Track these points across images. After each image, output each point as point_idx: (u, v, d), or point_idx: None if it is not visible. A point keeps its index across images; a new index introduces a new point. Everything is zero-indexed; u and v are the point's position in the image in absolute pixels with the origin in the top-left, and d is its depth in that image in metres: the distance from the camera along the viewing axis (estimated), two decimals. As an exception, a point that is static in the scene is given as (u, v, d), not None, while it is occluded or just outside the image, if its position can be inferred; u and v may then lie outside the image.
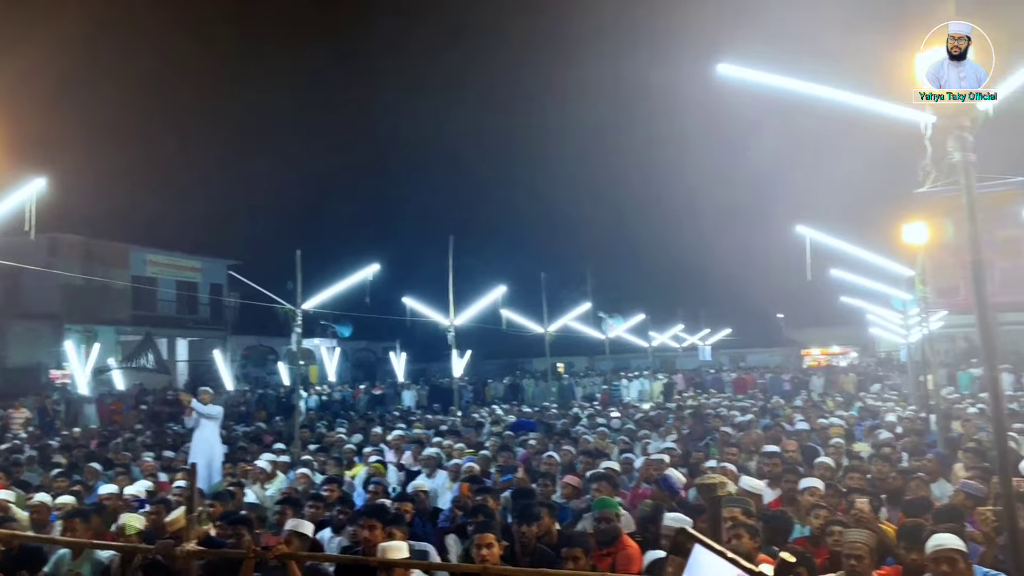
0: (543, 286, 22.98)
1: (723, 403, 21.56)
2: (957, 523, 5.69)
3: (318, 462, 11.33)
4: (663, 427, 14.17)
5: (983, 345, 4.74)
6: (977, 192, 4.78)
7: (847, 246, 12.06)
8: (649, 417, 16.79)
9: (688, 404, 22.42)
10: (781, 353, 47.45)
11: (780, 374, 32.65)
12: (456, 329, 18.16)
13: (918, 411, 15.13)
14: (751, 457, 10.12)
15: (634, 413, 18.65)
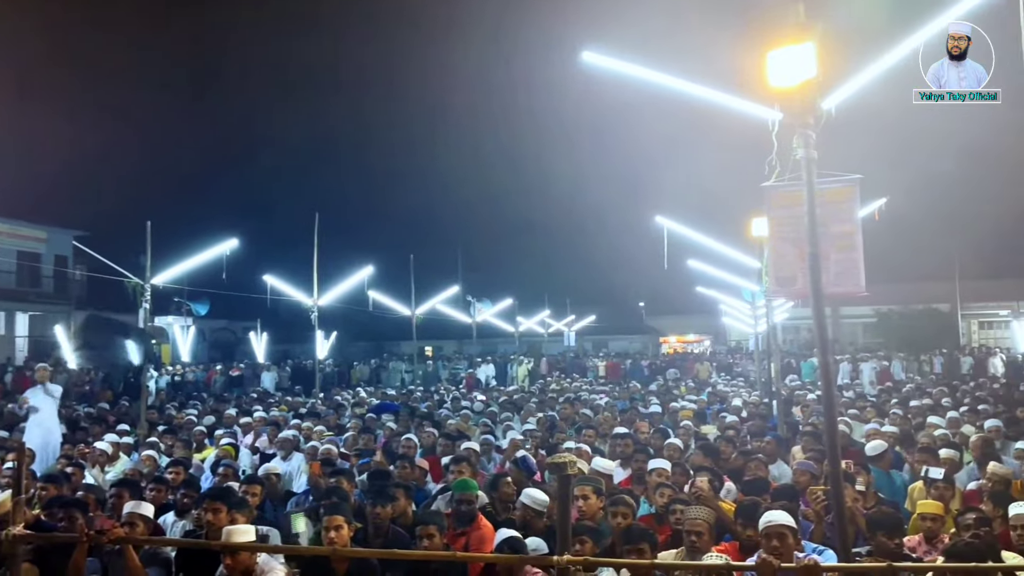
0: (411, 268, 22.78)
1: (584, 387, 22.14)
2: (791, 502, 6.03)
3: (165, 444, 10.86)
4: (524, 410, 14.37)
5: (817, 332, 5.02)
6: (817, 188, 5.04)
7: (702, 237, 12.61)
8: (512, 400, 17.03)
9: (551, 388, 22.91)
10: (641, 340, 49.16)
11: (640, 360, 33.84)
12: (320, 309, 17.71)
13: (762, 397, 16.02)
14: (607, 439, 10.42)
15: (498, 396, 18.86)
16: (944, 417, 11.15)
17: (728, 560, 4.64)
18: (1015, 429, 10.22)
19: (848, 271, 4.99)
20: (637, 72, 5.59)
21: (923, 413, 11.91)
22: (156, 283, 13.09)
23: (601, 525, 5.91)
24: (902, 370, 25.73)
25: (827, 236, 5.01)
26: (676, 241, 13.33)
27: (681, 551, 5.39)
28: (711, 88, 5.59)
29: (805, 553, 4.83)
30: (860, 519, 5.66)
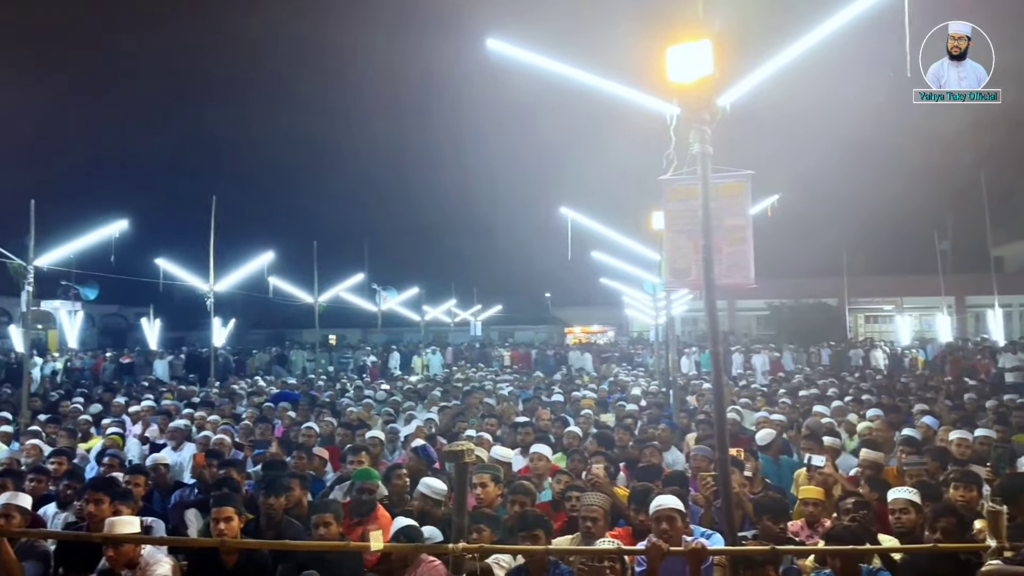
0: (315, 255, 22.32)
1: (489, 376, 22.23)
2: (681, 487, 6.20)
3: (48, 433, 10.33)
4: (427, 399, 14.32)
5: (708, 323, 5.16)
6: (711, 182, 5.17)
7: (605, 230, 12.81)
8: (416, 389, 16.94)
9: (456, 377, 22.91)
10: (547, 330, 49.68)
11: (545, 350, 34.17)
12: (217, 295, 17.15)
13: (660, 386, 16.44)
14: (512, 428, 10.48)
15: (402, 385, 18.73)
16: (830, 406, 11.69)
17: (620, 544, 4.74)
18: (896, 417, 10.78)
19: (739, 263, 5.14)
20: (540, 63, 5.61)
21: (810, 402, 12.45)
22: (40, 265, 12.40)
23: (499, 512, 5.94)
24: (792, 361, 26.83)
25: (720, 229, 5.15)
26: (581, 233, 13.51)
27: (576, 536, 5.48)
28: (613, 81, 5.65)
29: (693, 537, 4.97)
30: (747, 504, 5.87)
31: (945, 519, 4.72)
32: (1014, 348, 20.04)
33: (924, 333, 34.07)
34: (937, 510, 4.86)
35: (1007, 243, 32.04)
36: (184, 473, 8.80)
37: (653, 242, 13.26)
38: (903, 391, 15.10)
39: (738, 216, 5.18)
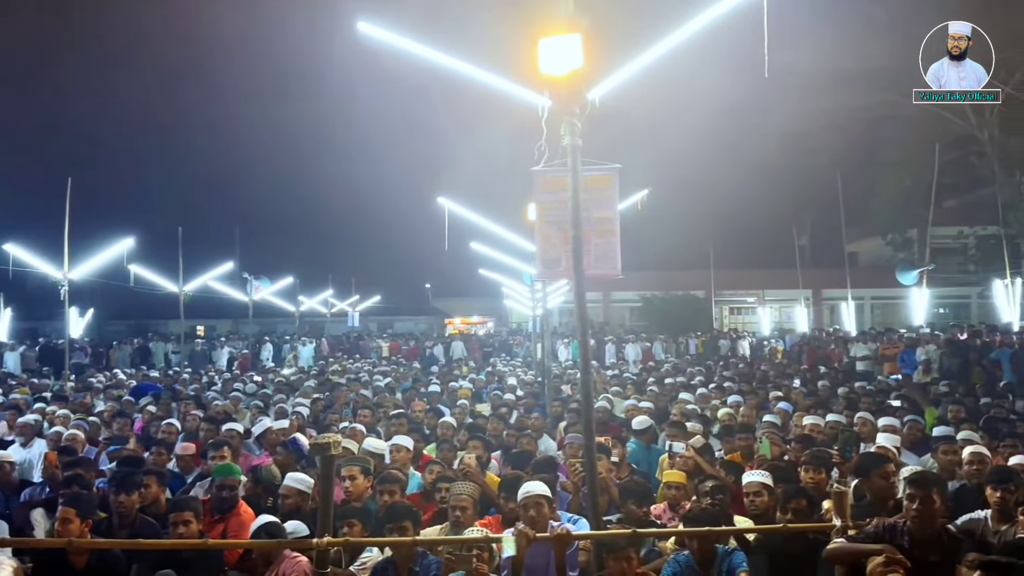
0: (180, 241, 21.34)
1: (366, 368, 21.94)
2: (551, 473, 6.30)
3: None
4: (300, 391, 13.98)
5: (577, 312, 5.26)
6: (582, 174, 5.26)
7: (483, 220, 12.83)
8: (289, 382, 16.52)
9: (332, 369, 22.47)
10: (427, 321, 49.49)
11: (425, 341, 34.00)
12: (73, 284, 16.12)
13: (536, 376, 16.66)
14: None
15: (274, 378, 18.22)
16: (695, 394, 12.18)
17: (487, 533, 4.76)
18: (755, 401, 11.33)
19: (607, 255, 5.26)
20: (413, 48, 5.54)
21: (676, 390, 12.93)
22: None
23: (368, 505, 5.86)
24: (662, 351, 27.80)
25: (589, 221, 5.25)
26: (459, 223, 13.47)
27: (445, 526, 5.47)
28: (487, 71, 5.65)
29: (560, 523, 5.05)
30: (613, 489, 6.03)
31: (796, 500, 4.99)
32: (864, 338, 21.45)
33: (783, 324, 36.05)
34: (788, 492, 5.13)
35: (860, 240, 34.23)
36: (34, 471, 8.25)
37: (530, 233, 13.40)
38: (762, 379, 15.92)
39: (606, 208, 5.30)
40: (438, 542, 4.90)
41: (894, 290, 28.76)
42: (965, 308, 34.90)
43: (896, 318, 32.04)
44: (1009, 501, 4.95)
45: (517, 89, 5.60)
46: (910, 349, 16.84)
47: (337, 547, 4.55)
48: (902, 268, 24.35)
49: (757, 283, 38.02)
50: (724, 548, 4.87)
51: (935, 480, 4.44)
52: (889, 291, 30.94)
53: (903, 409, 10.16)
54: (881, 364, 17.71)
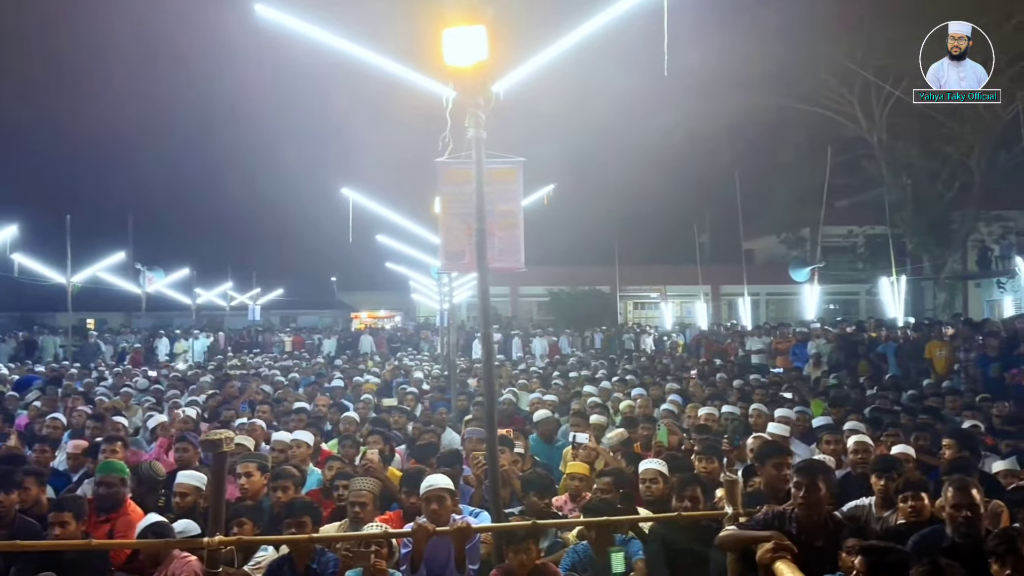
0: (68, 230, 20.24)
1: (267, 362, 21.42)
2: (454, 467, 6.27)
3: None
4: (195, 386, 13.52)
5: (480, 305, 5.24)
6: (486, 167, 5.24)
7: (389, 212, 12.66)
8: (184, 377, 15.96)
9: (231, 364, 21.82)
10: (332, 315, 48.64)
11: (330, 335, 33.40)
12: (-54, 273, 15.11)
13: (443, 370, 16.61)
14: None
15: (168, 373, 17.57)
16: (598, 387, 12.38)
17: (387, 528, 4.70)
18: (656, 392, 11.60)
19: (510, 248, 5.26)
20: (314, 34, 5.39)
21: (580, 383, 13.10)
22: None
23: (263, 502, 5.71)
24: (568, 345, 28.14)
25: (493, 214, 5.24)
26: (365, 215, 13.25)
27: (344, 523, 5.38)
28: (390, 59, 5.56)
29: (462, 516, 5.04)
30: (515, 481, 6.05)
31: (690, 489, 5.11)
32: (759, 332, 22.23)
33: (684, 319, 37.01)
34: (683, 481, 5.25)
35: (757, 238, 35.50)
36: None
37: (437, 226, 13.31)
38: (663, 372, 16.32)
39: (510, 202, 5.30)
40: (336, 539, 4.81)
41: (788, 286, 29.92)
42: (854, 304, 36.62)
43: (790, 313, 33.36)
44: (891, 489, 5.19)
45: (421, 79, 5.53)
46: (801, 343, 17.56)
47: (229, 546, 4.41)
48: (795, 265, 25.36)
49: (660, 279, 38.94)
50: (622, 537, 4.96)
51: (821, 468, 4.62)
52: (783, 287, 32.17)
53: (793, 401, 10.59)
54: (774, 357, 18.40)
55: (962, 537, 4.32)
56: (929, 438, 7.37)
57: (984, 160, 23.81)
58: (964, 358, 12.42)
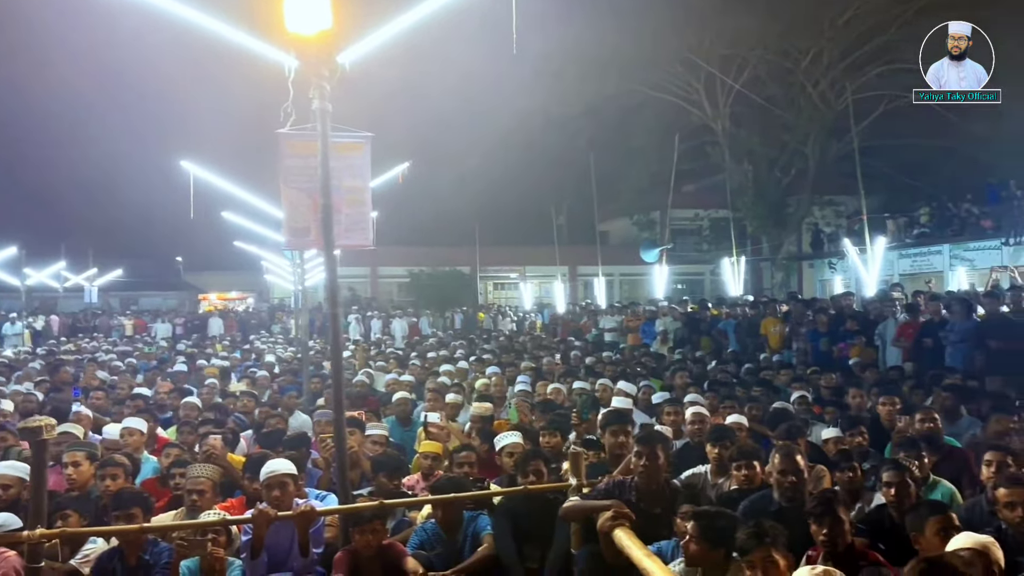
0: None
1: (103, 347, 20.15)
2: (301, 451, 6.11)
3: None
4: (20, 372, 12.54)
5: (328, 283, 5.09)
6: (332, 140, 5.07)
7: (235, 188, 12.08)
8: (9, 364, 14.75)
9: (64, 349, 20.37)
10: (178, 297, 46.25)
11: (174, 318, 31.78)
12: None
13: (296, 353, 16.15)
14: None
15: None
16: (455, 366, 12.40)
17: (224, 515, 4.52)
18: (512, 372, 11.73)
19: (358, 225, 5.14)
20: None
21: (438, 363, 13.09)
22: None
23: (91, 492, 5.36)
24: (428, 325, 28.08)
25: (339, 189, 5.09)
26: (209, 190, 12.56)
27: (181, 511, 5.14)
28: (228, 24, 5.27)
29: (307, 500, 4.91)
30: (365, 463, 5.96)
31: (533, 463, 5.19)
32: (612, 311, 22.93)
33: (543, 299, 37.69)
34: (525, 455, 5.32)
35: (611, 220, 36.56)
36: None
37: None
38: (520, 351, 16.56)
39: (357, 178, 5.16)
40: (169, 528, 4.57)
41: (640, 267, 31.04)
42: (700, 284, 38.42)
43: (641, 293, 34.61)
44: (725, 457, 5.47)
45: (261, 46, 5.28)
46: (650, 321, 18.23)
47: (52, 539, 4.12)
48: (645, 247, 26.33)
49: (519, 259, 39.44)
50: (470, 513, 4.98)
51: (659, 437, 4.80)
52: (636, 268, 33.33)
53: (640, 375, 11.01)
54: (625, 335, 19.02)
55: (788, 501, 4.60)
56: (762, 408, 7.83)
57: (818, 148, 25.45)
58: (796, 333, 13.27)
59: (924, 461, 5.35)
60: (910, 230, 23.70)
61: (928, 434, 6.05)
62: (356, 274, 37.15)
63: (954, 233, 21.66)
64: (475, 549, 4.83)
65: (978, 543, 3.07)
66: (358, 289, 37.84)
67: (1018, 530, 3.99)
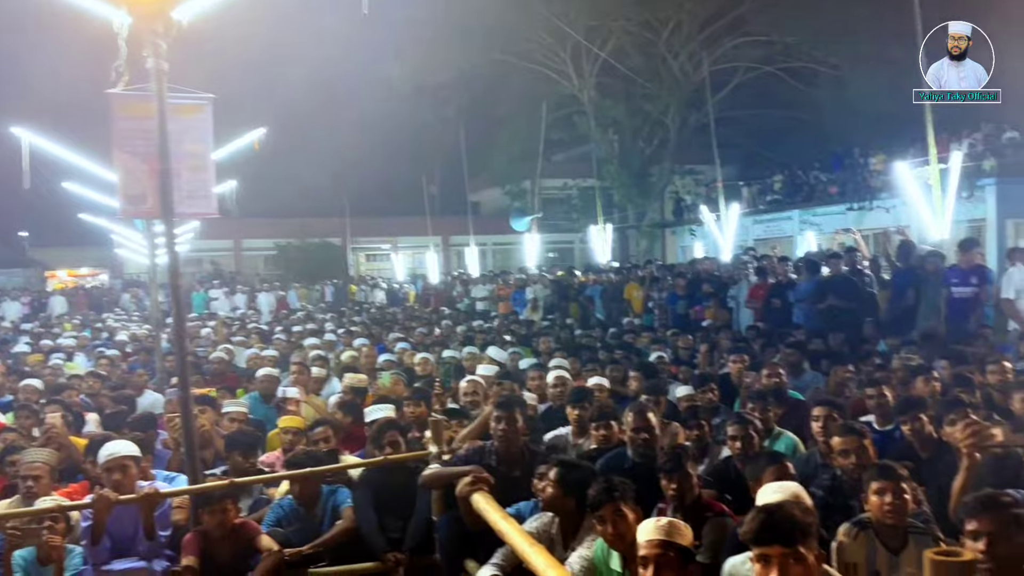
0: None
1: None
2: (148, 431, 5.82)
3: None
4: None
5: (168, 255, 4.82)
6: (170, 102, 4.77)
7: (74, 155, 11.25)
8: None
9: None
10: (24, 275, 43.01)
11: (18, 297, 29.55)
12: None
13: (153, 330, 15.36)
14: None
15: None
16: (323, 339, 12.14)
17: (60, 501, 4.26)
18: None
19: (200, 191, 4.87)
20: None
21: (304, 336, 12.77)
22: None
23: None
24: (297, 299, 27.34)
25: (179, 154, 4.79)
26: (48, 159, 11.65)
27: (17, 499, 4.79)
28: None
29: (150, 483, 4.68)
30: (218, 441, 5.74)
31: (389, 434, 5.11)
32: (484, 280, 23.07)
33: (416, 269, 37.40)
34: (381, 426, 5.25)
35: (483, 190, 36.57)
36: None
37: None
38: (391, 322, 16.40)
39: (198, 142, 4.88)
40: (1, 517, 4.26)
41: (512, 236, 31.21)
42: (570, 252, 39.10)
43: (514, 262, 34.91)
44: (584, 417, 5.59)
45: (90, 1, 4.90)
46: (520, 289, 18.48)
47: None
48: (515, 216, 26.54)
49: (391, 230, 38.89)
50: (329, 488, 4.89)
51: (517, 401, 4.85)
52: (508, 237, 33.50)
53: (510, 343, 11.12)
54: (497, 303, 19.20)
55: (641, 457, 4.75)
56: (623, 370, 8.06)
57: (678, 119, 26.27)
58: (656, 297, 13.76)
59: (769, 414, 5.64)
60: (763, 197, 24.91)
61: (773, 388, 6.38)
62: (219, 247, 35.65)
63: (803, 199, 22.92)
64: (335, 523, 4.75)
65: (786, 491, 3.24)
66: (222, 263, 36.38)
67: (851, 476, 4.25)
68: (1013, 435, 3.83)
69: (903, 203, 14.60)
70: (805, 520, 2.55)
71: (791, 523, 2.51)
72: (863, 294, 10.13)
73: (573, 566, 3.61)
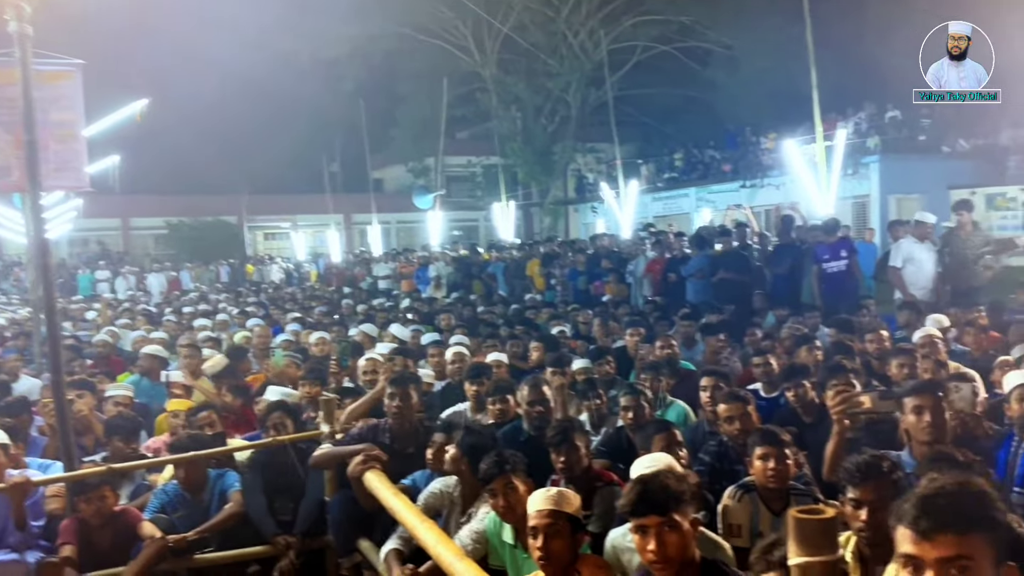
0: None
1: None
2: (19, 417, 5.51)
3: None
4: None
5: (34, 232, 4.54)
6: (35, 68, 4.48)
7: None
8: None
9: None
10: None
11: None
12: None
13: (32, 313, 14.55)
14: None
15: None
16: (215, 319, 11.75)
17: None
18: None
19: (70, 164, 4.59)
20: None
21: (194, 317, 12.34)
22: None
23: None
24: (191, 279, 26.38)
25: (46, 124, 4.50)
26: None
27: None
28: None
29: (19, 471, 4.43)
30: (97, 427, 5.49)
31: (276, 415, 4.97)
32: (386, 258, 22.80)
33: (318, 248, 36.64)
34: (268, 408, 5.11)
35: (385, 167, 36.06)
36: None
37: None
38: (290, 301, 16.04)
39: (66, 110, 4.59)
40: None
41: (416, 214, 30.95)
42: (475, 230, 39.07)
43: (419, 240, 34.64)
44: (482, 392, 5.57)
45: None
46: (423, 267, 18.35)
47: None
48: (418, 193, 26.30)
49: (291, 208, 37.96)
50: (216, 472, 4.74)
51: (411, 378, 4.80)
52: (412, 215, 33.21)
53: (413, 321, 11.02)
54: (400, 282, 19.02)
55: (536, 430, 4.78)
56: (522, 345, 8.11)
57: (579, 96, 26.51)
58: (558, 274, 13.89)
59: (662, 384, 5.77)
60: (662, 175, 25.45)
61: (666, 359, 6.54)
62: (105, 226, 33.90)
63: (699, 177, 23.54)
64: (223, 507, 4.60)
65: (658, 462, 3.30)
66: (108, 242, 34.74)
67: (736, 442, 4.39)
68: (881, 401, 4.01)
69: (792, 180, 15.17)
70: (679, 488, 2.61)
71: (665, 492, 2.56)
72: (752, 268, 10.49)
73: (464, 540, 3.61)
